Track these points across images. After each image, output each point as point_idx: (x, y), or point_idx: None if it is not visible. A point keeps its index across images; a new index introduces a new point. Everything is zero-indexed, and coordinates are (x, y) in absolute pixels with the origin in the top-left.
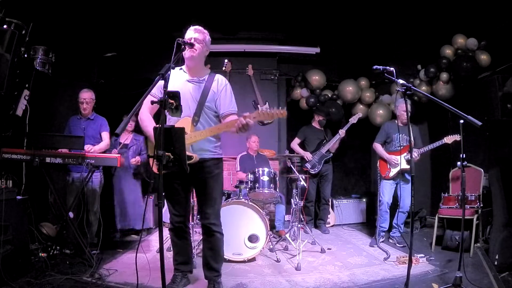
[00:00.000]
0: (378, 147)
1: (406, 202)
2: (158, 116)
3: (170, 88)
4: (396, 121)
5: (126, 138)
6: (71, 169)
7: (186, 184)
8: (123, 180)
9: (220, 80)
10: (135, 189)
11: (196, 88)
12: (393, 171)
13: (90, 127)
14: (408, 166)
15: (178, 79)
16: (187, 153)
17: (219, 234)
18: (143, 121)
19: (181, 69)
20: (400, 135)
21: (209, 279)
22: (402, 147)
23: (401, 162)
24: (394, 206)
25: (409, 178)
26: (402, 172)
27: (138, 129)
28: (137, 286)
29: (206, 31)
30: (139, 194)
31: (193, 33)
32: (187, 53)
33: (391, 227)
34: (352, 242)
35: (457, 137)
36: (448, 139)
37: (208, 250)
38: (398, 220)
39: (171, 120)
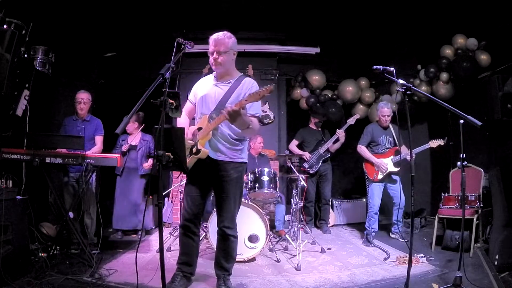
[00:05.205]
0: (364, 150)
1: (400, 198)
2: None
3: (199, 92)
4: (378, 123)
5: (134, 138)
6: (68, 169)
7: (207, 183)
8: (128, 181)
9: (246, 83)
10: (140, 191)
11: (220, 90)
12: (381, 174)
13: (86, 128)
14: (396, 169)
15: (207, 83)
16: (198, 146)
17: (233, 237)
18: (179, 124)
19: (212, 74)
20: (385, 137)
21: (218, 276)
22: (388, 149)
23: (389, 165)
24: (388, 206)
25: (396, 178)
26: (389, 174)
27: (145, 129)
28: (137, 286)
29: (229, 35)
30: (142, 195)
31: (214, 47)
32: (213, 66)
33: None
34: (352, 242)
35: (441, 142)
36: (433, 143)
37: (221, 251)
38: (397, 216)
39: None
